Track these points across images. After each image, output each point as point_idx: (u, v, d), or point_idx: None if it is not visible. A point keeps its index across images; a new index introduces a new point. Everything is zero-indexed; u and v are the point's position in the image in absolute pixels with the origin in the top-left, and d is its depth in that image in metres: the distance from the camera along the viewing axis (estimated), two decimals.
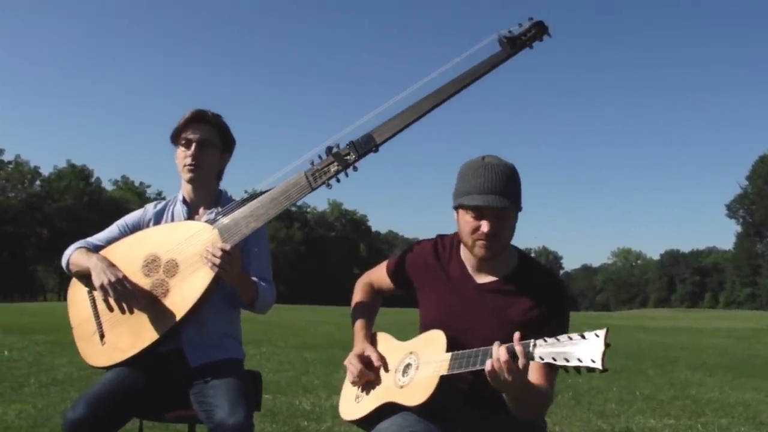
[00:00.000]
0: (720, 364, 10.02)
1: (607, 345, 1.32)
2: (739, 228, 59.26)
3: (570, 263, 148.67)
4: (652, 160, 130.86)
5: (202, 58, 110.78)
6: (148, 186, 68.10)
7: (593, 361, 1.31)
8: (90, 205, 56.36)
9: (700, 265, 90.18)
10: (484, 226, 1.64)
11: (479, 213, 1.64)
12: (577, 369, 1.33)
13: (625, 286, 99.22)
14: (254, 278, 2.10)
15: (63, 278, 55.59)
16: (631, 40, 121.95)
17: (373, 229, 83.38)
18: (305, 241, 65.22)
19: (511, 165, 1.70)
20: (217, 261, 1.89)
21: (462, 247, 1.78)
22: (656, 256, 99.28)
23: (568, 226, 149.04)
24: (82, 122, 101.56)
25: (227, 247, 1.91)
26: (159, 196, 68.04)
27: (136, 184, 66.99)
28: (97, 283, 1.96)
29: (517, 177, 1.70)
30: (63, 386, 5.41)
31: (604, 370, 1.30)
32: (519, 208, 1.69)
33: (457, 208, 1.71)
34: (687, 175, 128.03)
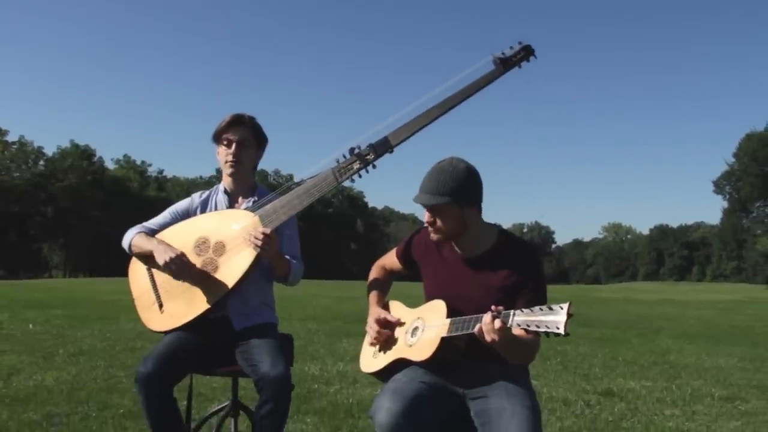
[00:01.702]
0: (701, 333, 10.53)
1: (569, 315, 1.66)
2: (725, 204, 59.88)
3: (562, 238, 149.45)
4: (642, 138, 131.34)
5: (202, 40, 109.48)
6: (150, 165, 68.10)
7: (558, 328, 1.66)
8: (93, 183, 56.27)
9: (688, 240, 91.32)
10: (425, 216, 2.05)
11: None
12: (546, 333, 1.68)
13: (615, 260, 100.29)
14: (287, 256, 2.48)
15: (68, 256, 55.71)
16: (622, 19, 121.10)
17: (370, 205, 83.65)
18: (303, 217, 65.12)
19: (461, 167, 1.97)
20: (259, 243, 2.26)
21: None
22: (646, 231, 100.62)
23: (560, 202, 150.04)
24: (85, 103, 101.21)
25: (267, 230, 2.27)
26: (160, 175, 67.92)
27: (138, 162, 66.77)
28: (160, 261, 2.33)
29: (465, 178, 1.96)
30: (90, 356, 5.81)
31: (566, 334, 1.64)
32: (459, 204, 1.95)
33: None
34: (676, 152, 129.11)
